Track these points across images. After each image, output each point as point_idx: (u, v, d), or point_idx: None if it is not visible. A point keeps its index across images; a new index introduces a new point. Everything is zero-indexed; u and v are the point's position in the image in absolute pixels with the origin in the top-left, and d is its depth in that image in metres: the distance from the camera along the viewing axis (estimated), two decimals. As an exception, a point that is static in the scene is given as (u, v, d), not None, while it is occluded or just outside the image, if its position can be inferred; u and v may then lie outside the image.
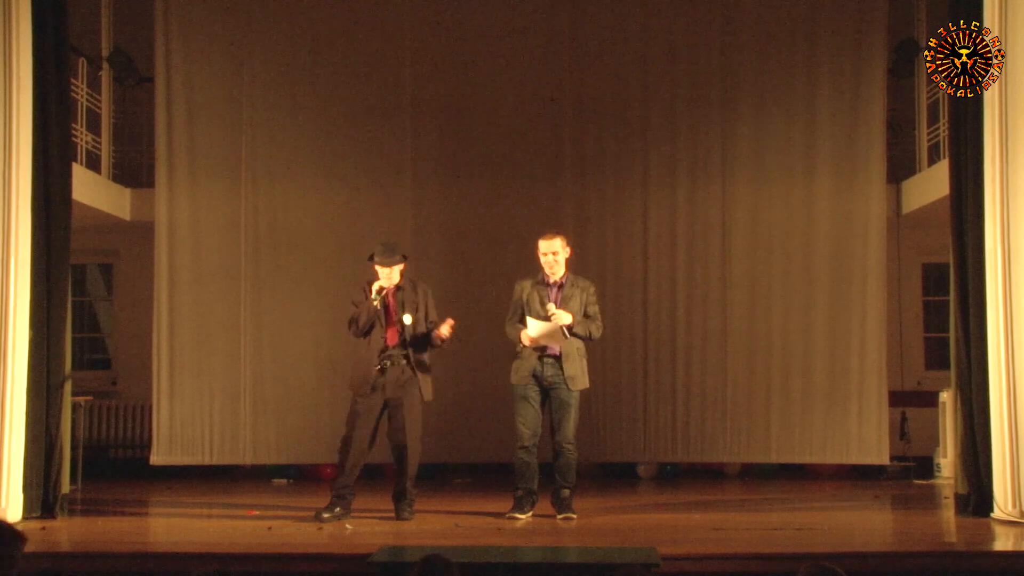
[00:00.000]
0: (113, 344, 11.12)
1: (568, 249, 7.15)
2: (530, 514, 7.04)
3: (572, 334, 6.99)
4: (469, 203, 9.49)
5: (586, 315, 7.09)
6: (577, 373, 7.02)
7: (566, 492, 7.07)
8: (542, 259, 7.10)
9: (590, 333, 7.08)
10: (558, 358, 7.01)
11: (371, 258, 7.13)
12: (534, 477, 7.07)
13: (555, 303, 7.01)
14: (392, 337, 7.07)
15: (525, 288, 7.13)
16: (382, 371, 7.02)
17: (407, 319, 7.05)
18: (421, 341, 7.14)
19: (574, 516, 7.00)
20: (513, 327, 7.12)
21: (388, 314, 7.11)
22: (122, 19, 10.23)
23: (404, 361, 7.07)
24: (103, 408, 10.35)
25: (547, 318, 6.95)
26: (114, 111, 10.23)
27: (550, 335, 6.94)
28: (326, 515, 6.88)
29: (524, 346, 7.04)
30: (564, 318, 6.95)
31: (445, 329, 7.09)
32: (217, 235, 9.41)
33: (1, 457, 6.74)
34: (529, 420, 7.02)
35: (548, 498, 7.14)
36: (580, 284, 7.15)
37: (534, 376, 7.03)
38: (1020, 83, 6.64)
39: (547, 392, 7.05)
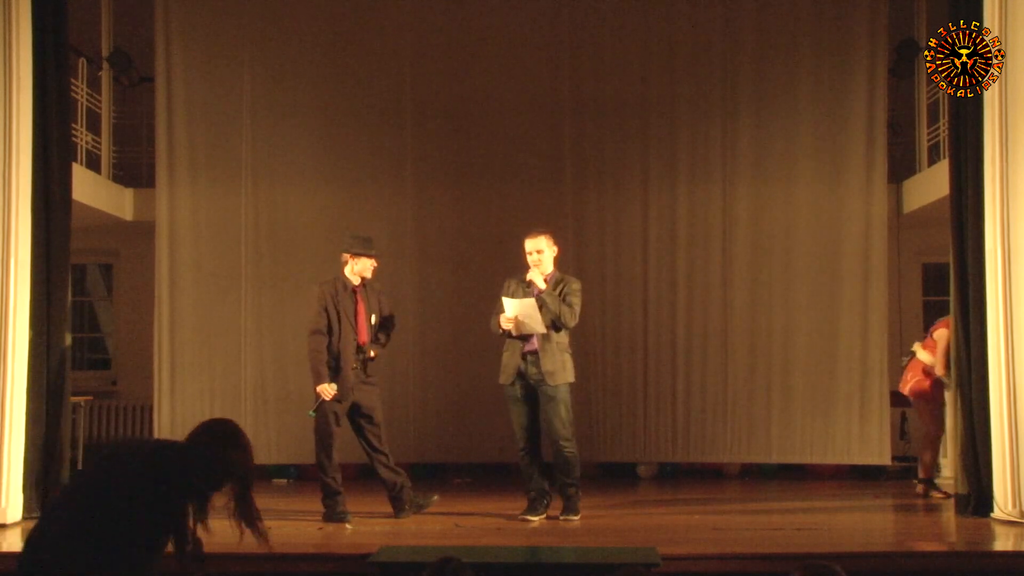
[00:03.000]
0: (113, 344, 11.12)
1: (555, 248, 7.16)
2: (544, 515, 7.03)
3: (539, 299, 6.92)
4: (469, 203, 9.48)
5: (563, 301, 7.03)
6: (556, 368, 6.96)
7: (571, 491, 7.05)
8: (528, 258, 7.12)
9: (560, 313, 6.95)
10: (537, 354, 6.97)
11: (352, 252, 7.08)
12: (542, 477, 7.06)
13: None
14: (364, 334, 7.08)
15: (511, 285, 7.15)
16: (358, 371, 7.03)
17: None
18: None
19: (574, 519, 7.00)
20: (494, 317, 7.10)
21: (357, 312, 7.10)
22: (122, 19, 10.24)
23: (366, 360, 7.10)
24: (103, 408, 10.36)
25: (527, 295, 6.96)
26: (114, 111, 10.24)
27: (527, 314, 6.87)
28: (348, 517, 6.90)
29: (504, 332, 7.00)
30: (538, 280, 6.98)
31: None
32: (217, 235, 9.41)
33: (1, 457, 6.74)
34: (522, 420, 7.03)
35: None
36: (565, 280, 7.14)
37: (519, 374, 7.01)
38: (1020, 83, 6.64)
39: (533, 390, 7.03)
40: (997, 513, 6.73)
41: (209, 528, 3.61)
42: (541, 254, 7.08)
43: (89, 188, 9.10)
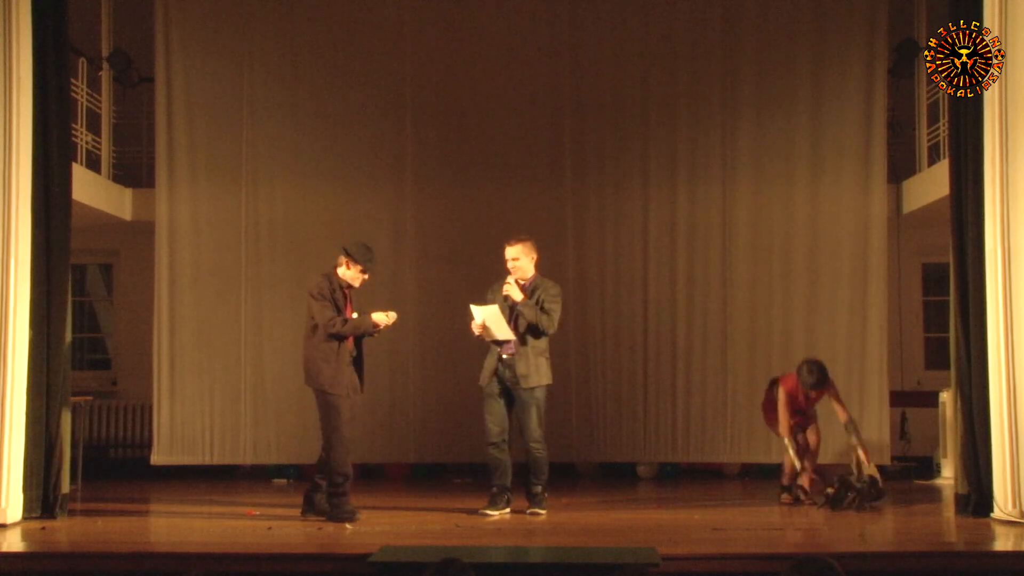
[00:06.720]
0: (113, 344, 11.11)
1: (533, 254, 7.31)
2: (506, 511, 7.20)
3: (518, 311, 7.11)
4: (469, 203, 9.49)
5: (541, 309, 7.19)
6: (530, 372, 7.15)
7: (537, 488, 7.25)
8: (507, 264, 7.28)
9: (539, 322, 7.16)
10: (512, 358, 7.15)
11: (350, 257, 7.02)
12: (507, 473, 7.25)
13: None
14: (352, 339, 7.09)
15: (495, 292, 7.30)
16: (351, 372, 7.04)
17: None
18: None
19: (541, 513, 7.14)
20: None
21: (346, 311, 7.08)
22: (122, 19, 10.23)
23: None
24: (103, 408, 10.35)
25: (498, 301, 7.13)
26: (114, 111, 10.23)
27: (494, 321, 7.05)
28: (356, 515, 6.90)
29: (478, 336, 7.19)
30: (514, 293, 7.13)
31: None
32: (217, 235, 9.42)
33: (1, 457, 6.74)
34: (496, 417, 7.22)
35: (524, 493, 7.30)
36: (543, 285, 7.30)
37: (496, 375, 7.20)
38: (1020, 83, 6.64)
39: (509, 392, 7.20)
40: (997, 513, 6.73)
41: None
42: (517, 261, 7.25)
43: (89, 188, 9.10)
